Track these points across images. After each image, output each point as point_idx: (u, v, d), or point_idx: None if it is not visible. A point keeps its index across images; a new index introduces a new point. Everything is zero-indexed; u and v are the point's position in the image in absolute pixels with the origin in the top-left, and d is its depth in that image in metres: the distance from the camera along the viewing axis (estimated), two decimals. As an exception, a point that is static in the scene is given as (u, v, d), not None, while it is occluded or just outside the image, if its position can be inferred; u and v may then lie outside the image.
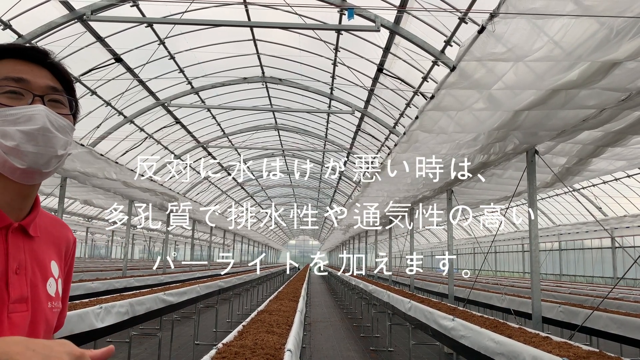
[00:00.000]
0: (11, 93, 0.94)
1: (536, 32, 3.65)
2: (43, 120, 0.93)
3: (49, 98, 0.98)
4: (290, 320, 4.19)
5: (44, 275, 1.01)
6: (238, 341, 3.04)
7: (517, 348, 3.31)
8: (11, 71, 0.95)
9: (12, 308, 0.90)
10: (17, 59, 0.97)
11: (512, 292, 10.93)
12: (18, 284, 0.92)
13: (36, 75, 0.97)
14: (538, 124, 5.81)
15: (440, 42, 8.11)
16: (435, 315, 5.46)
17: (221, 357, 2.53)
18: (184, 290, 7.91)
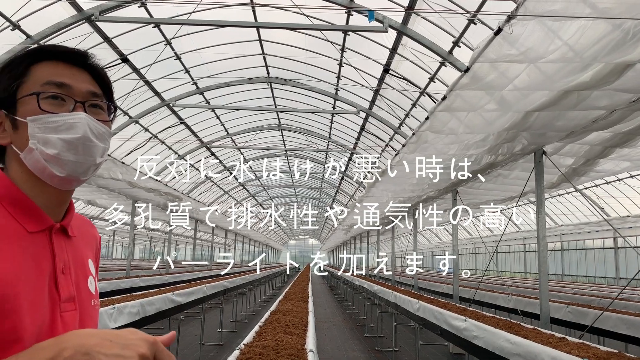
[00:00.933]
0: (53, 99, 0.93)
1: (552, 34, 3.67)
2: (84, 129, 0.93)
3: (89, 104, 0.97)
4: (304, 321, 4.21)
5: (84, 273, 1.02)
6: (258, 342, 3.05)
7: (535, 349, 3.33)
8: (53, 75, 0.94)
9: (63, 307, 0.91)
10: (58, 61, 0.96)
11: (516, 292, 10.94)
12: (65, 284, 0.93)
13: (77, 80, 0.96)
14: (548, 124, 5.82)
15: (448, 43, 8.13)
16: (445, 316, 5.47)
17: (246, 357, 2.54)
18: (191, 291, 7.94)
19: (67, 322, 0.91)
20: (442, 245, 36.41)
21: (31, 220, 0.90)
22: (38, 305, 0.85)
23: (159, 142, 16.56)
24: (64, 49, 0.97)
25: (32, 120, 0.90)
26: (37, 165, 0.91)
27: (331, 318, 14.57)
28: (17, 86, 0.92)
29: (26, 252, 0.87)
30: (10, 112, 0.92)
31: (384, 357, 9.16)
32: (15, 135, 0.92)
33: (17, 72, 0.93)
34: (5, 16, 7.83)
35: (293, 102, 16.30)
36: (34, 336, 0.82)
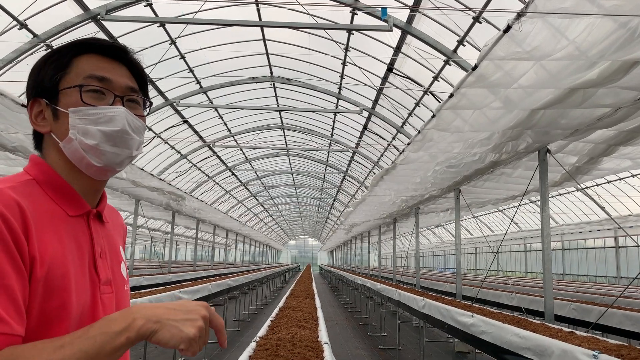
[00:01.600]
0: (94, 92, 0.96)
1: (561, 31, 3.71)
2: (122, 122, 0.96)
3: (127, 98, 1.00)
4: (314, 316, 4.26)
5: (118, 259, 1.06)
6: (273, 335, 3.10)
7: (545, 342, 3.37)
8: (95, 69, 0.97)
9: (102, 290, 0.95)
10: (99, 54, 0.99)
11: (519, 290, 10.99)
12: (103, 267, 0.97)
13: (117, 74, 0.99)
14: (553, 122, 5.86)
15: (453, 42, 8.16)
16: (452, 312, 5.51)
17: (263, 349, 2.58)
18: (197, 289, 7.98)
19: (106, 304, 0.95)
20: (443, 245, 36.46)
21: (71, 204, 0.94)
22: (82, 285, 0.89)
23: (162, 142, 16.60)
24: (106, 43, 1.00)
25: (73, 111, 0.94)
26: (75, 155, 0.95)
27: (333, 317, 14.62)
28: (60, 77, 0.95)
29: (70, 235, 0.91)
30: (51, 102, 0.96)
31: (387, 355, 9.20)
32: (56, 125, 0.95)
33: (61, 63, 0.96)
34: (13, 15, 7.88)
35: (296, 102, 16.36)
36: (78, 315, 0.86)
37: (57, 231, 0.87)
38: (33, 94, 0.98)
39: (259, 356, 2.43)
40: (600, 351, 2.83)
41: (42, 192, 0.91)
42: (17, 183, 0.88)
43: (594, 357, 2.78)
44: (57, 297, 0.82)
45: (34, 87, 0.98)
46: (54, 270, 0.83)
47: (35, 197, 0.88)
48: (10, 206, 0.80)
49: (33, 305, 0.79)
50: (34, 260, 0.80)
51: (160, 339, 0.77)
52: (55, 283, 0.82)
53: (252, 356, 2.45)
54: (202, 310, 0.82)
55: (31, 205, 0.84)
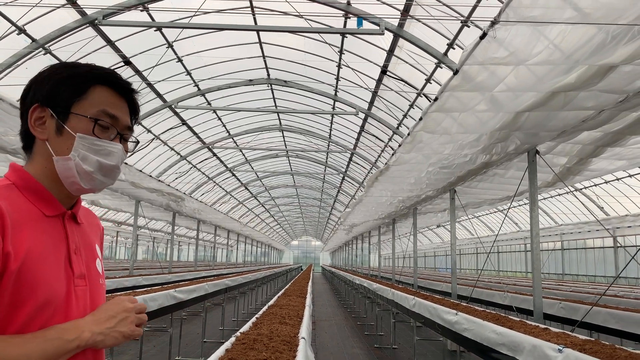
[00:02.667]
0: (102, 126, 1.09)
1: (536, 36, 3.83)
2: (118, 159, 1.11)
3: (124, 136, 1.15)
4: (300, 314, 4.36)
5: (93, 256, 1.18)
6: (254, 330, 3.22)
7: (518, 338, 3.49)
8: (108, 104, 1.11)
9: (76, 282, 1.07)
10: (112, 88, 1.12)
11: (514, 290, 11.09)
12: (77, 263, 1.09)
13: (123, 113, 1.14)
14: (539, 124, 5.96)
15: (443, 45, 8.28)
16: (439, 311, 5.63)
17: (241, 343, 2.71)
18: (193, 288, 8.10)
19: (79, 295, 1.07)
20: (444, 245, 36.51)
21: (47, 206, 1.05)
22: (57, 278, 1.01)
23: (162, 143, 16.76)
24: (121, 82, 1.15)
25: (81, 137, 1.06)
26: (66, 173, 1.06)
27: (332, 317, 14.73)
28: (77, 101, 1.08)
29: (45, 232, 1.02)
30: (59, 117, 1.07)
31: (383, 354, 9.31)
32: (56, 139, 1.07)
33: (80, 89, 1.09)
34: (12, 21, 8.04)
35: (293, 103, 16.50)
36: (52, 304, 0.98)
37: (33, 229, 0.99)
38: (40, 101, 1.07)
39: (235, 349, 2.56)
40: (565, 346, 2.95)
41: (20, 195, 1.02)
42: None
43: (559, 351, 2.91)
44: (27, 286, 0.94)
45: (45, 96, 1.07)
46: (28, 263, 0.94)
47: (14, 199, 0.99)
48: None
49: (4, 293, 0.90)
50: (7, 257, 0.91)
51: (108, 344, 1.01)
52: (27, 275, 0.94)
53: (228, 349, 2.58)
54: (126, 305, 1.06)
55: (10, 206, 0.95)
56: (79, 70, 1.10)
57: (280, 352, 2.48)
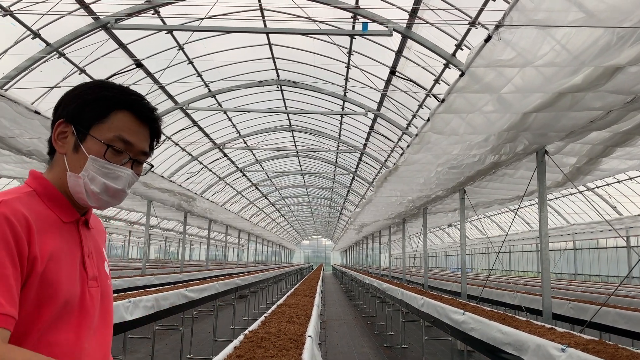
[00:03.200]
0: (116, 151, 1.14)
1: (541, 38, 3.85)
2: (125, 183, 1.16)
3: (137, 161, 1.19)
4: (308, 313, 4.42)
5: (102, 259, 1.27)
6: (262, 329, 3.29)
7: (523, 338, 3.53)
8: (126, 130, 1.15)
9: (90, 284, 1.15)
10: (133, 114, 1.17)
11: (525, 290, 11.05)
12: (90, 266, 1.17)
13: (140, 139, 1.18)
14: (547, 125, 5.96)
15: (452, 45, 8.30)
16: (446, 310, 5.66)
17: (249, 341, 2.78)
18: (204, 287, 8.20)
19: (93, 295, 1.15)
20: (455, 245, 36.36)
21: (64, 212, 1.14)
22: (72, 279, 1.09)
23: (173, 144, 16.93)
24: (145, 108, 1.19)
25: (93, 159, 1.12)
26: (75, 189, 1.14)
27: (342, 316, 14.78)
28: (96, 124, 1.14)
29: (63, 238, 1.10)
30: (78, 136, 1.13)
31: (392, 353, 9.34)
32: (72, 155, 1.14)
33: (102, 113, 1.14)
34: (26, 25, 8.21)
35: (303, 104, 16.57)
36: (66, 302, 1.06)
37: (53, 234, 1.07)
38: (66, 117, 1.14)
39: (243, 347, 2.63)
40: (569, 345, 2.99)
41: (41, 202, 1.10)
42: (21, 194, 1.06)
43: (562, 351, 2.95)
44: (50, 287, 1.02)
45: (70, 114, 1.14)
46: (50, 266, 1.03)
47: (36, 206, 1.07)
48: (16, 214, 0.98)
49: (30, 293, 0.98)
50: (35, 260, 0.98)
51: None
52: (50, 276, 1.02)
53: (236, 347, 2.65)
54: None
55: (32, 213, 1.03)
56: (106, 93, 1.16)
57: (287, 349, 2.55)
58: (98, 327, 1.16)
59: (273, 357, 2.37)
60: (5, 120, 6.15)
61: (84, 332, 1.09)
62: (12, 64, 8.75)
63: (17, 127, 6.34)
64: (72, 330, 1.07)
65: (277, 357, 2.37)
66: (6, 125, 6.26)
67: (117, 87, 1.19)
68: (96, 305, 1.16)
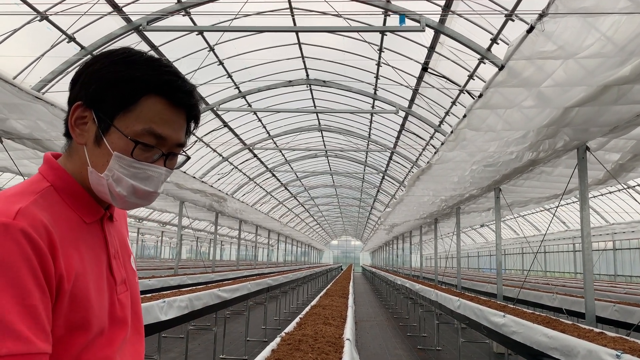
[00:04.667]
0: (145, 146, 0.93)
1: (587, 29, 3.66)
2: (157, 184, 0.96)
3: (171, 155, 0.98)
4: (343, 315, 4.34)
5: (127, 253, 1.10)
6: (298, 331, 3.22)
7: (571, 342, 3.35)
8: (157, 121, 0.93)
9: (118, 290, 0.99)
10: (166, 99, 0.95)
11: (564, 292, 10.70)
12: (117, 268, 1.00)
13: (174, 129, 0.96)
14: (589, 120, 5.73)
15: (486, 40, 8.08)
16: (485, 312, 5.49)
17: (286, 343, 2.71)
18: (236, 287, 8.22)
19: (123, 302, 1.01)
20: (488, 245, 35.69)
21: (87, 211, 0.96)
22: (100, 292, 0.92)
23: (204, 145, 17.11)
24: (179, 89, 0.96)
25: (118, 157, 0.92)
26: (98, 188, 0.94)
27: (374, 317, 14.65)
28: (121, 113, 0.92)
29: (86, 243, 0.93)
30: (100, 125, 0.93)
31: (426, 355, 9.17)
32: (94, 148, 0.94)
33: (128, 100, 0.93)
34: (62, 29, 8.38)
35: (332, 103, 16.50)
36: (97, 322, 0.91)
37: (76, 242, 0.90)
38: (84, 100, 0.94)
39: (280, 350, 2.56)
40: (624, 351, 2.81)
41: (60, 200, 0.92)
42: (37, 196, 0.88)
43: (617, 357, 2.77)
44: (81, 308, 0.86)
45: (90, 98, 0.94)
46: (77, 283, 0.86)
47: (55, 208, 0.89)
48: (37, 227, 0.81)
49: (59, 317, 0.83)
50: (61, 278, 0.83)
51: None
52: (78, 296, 0.86)
53: (274, 350, 2.58)
54: None
55: (53, 218, 0.86)
56: (133, 73, 0.93)
57: (326, 353, 2.47)
58: (130, 336, 1.02)
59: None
60: (43, 123, 6.26)
61: (116, 346, 0.95)
62: (49, 68, 8.96)
63: (53, 129, 6.46)
64: (105, 346, 0.92)
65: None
66: (43, 127, 6.37)
67: (147, 62, 0.96)
68: (128, 314, 1.01)
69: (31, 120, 6.13)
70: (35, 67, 8.47)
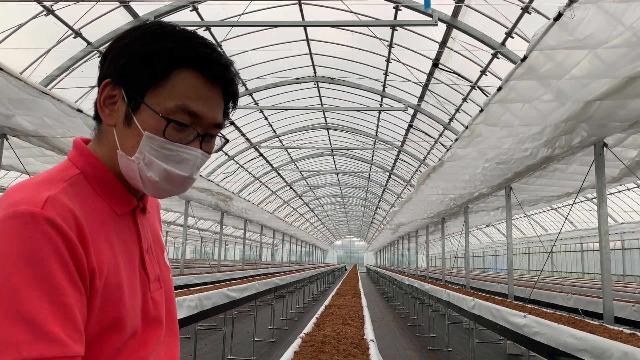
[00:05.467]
0: (178, 124, 0.85)
1: (617, 17, 3.52)
2: (192, 168, 0.88)
3: (207, 136, 0.90)
4: (360, 315, 4.23)
5: (161, 247, 1.02)
6: (318, 332, 3.09)
7: (603, 344, 3.20)
8: (191, 97, 0.85)
9: (152, 288, 0.91)
10: (200, 72, 0.86)
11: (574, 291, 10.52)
12: (151, 264, 0.93)
13: (210, 106, 0.88)
14: (610, 114, 5.58)
15: (501, 34, 7.92)
16: (503, 313, 5.33)
17: (308, 345, 2.58)
18: (245, 287, 8.09)
19: (157, 301, 0.92)
20: (494, 245, 35.50)
21: (119, 202, 0.88)
22: (134, 290, 0.85)
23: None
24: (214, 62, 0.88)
25: (149, 137, 0.84)
26: (129, 173, 0.87)
27: (381, 317, 14.51)
28: (151, 88, 0.85)
29: (118, 237, 0.85)
30: (129, 103, 0.86)
31: (437, 356, 9.03)
32: (123, 129, 0.86)
33: (159, 73, 0.85)
34: (68, 25, 8.27)
35: (340, 101, 16.38)
36: (131, 322, 0.83)
37: (107, 236, 0.82)
38: (113, 77, 0.86)
39: (304, 352, 2.43)
40: (665, 354, 2.66)
41: (90, 189, 0.85)
42: (66, 184, 0.81)
43: (658, 361, 2.62)
44: (114, 307, 0.79)
45: (119, 73, 0.86)
46: (109, 279, 0.79)
47: (85, 197, 0.82)
48: (67, 218, 0.74)
49: (91, 317, 0.76)
50: (93, 273, 0.76)
51: None
52: (111, 294, 0.79)
53: (297, 352, 2.45)
54: None
55: (82, 208, 0.79)
56: (163, 44, 0.85)
57: (354, 355, 2.34)
58: (165, 337, 0.93)
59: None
60: (49, 119, 6.15)
61: (151, 348, 0.87)
62: (54, 64, 8.85)
63: (60, 126, 6.35)
64: (139, 349, 0.85)
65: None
66: (49, 123, 6.26)
67: (179, 34, 0.88)
68: (162, 312, 0.92)
69: (37, 116, 6.02)
70: (41, 63, 8.37)
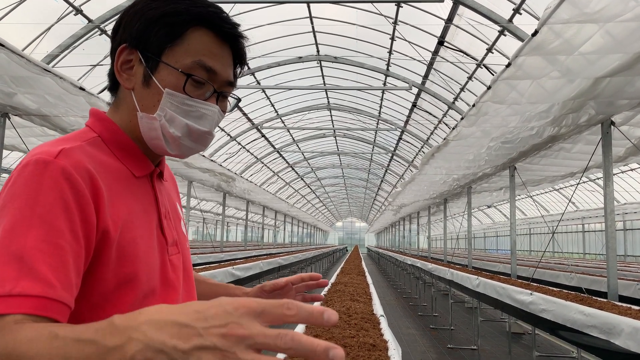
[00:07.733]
0: (196, 81, 0.89)
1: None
2: (212, 123, 0.92)
3: (222, 94, 0.94)
4: (367, 292, 4.25)
5: (178, 217, 1.02)
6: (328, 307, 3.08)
7: (613, 320, 3.20)
8: (206, 54, 0.89)
9: (170, 251, 0.92)
10: (213, 32, 0.90)
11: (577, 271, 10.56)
12: (169, 228, 0.94)
13: (224, 64, 0.92)
14: (619, 92, 5.51)
15: (508, 10, 7.79)
16: (509, 291, 5.35)
17: (319, 320, 2.57)
18: (249, 266, 8.14)
19: (175, 264, 0.92)
20: (495, 226, 35.60)
21: (137, 165, 0.90)
22: (150, 249, 0.86)
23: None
24: (226, 23, 0.92)
25: (169, 94, 0.87)
26: (150, 134, 0.89)
27: (382, 297, 14.59)
28: (169, 47, 0.88)
29: (136, 197, 0.87)
30: (147, 65, 0.88)
31: (440, 335, 9.10)
32: (142, 90, 0.89)
33: (175, 32, 0.88)
34: (69, 1, 8.14)
35: (343, 80, 16.24)
36: (147, 280, 0.83)
37: (124, 194, 0.84)
38: (129, 41, 0.89)
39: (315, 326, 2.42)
40: (677, 329, 2.65)
41: (108, 151, 0.87)
42: (83, 142, 0.83)
43: (670, 335, 2.61)
44: (128, 261, 0.80)
45: (135, 37, 0.88)
46: (124, 234, 0.80)
47: (103, 157, 0.84)
48: (80, 170, 0.75)
49: (108, 271, 0.77)
50: (107, 228, 0.76)
51: None
52: (126, 248, 0.80)
53: (307, 326, 2.44)
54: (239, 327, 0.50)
55: (99, 166, 0.80)
56: (176, 6, 0.88)
57: (366, 329, 2.33)
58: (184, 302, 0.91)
59: (354, 337, 2.15)
60: (51, 97, 6.09)
61: None
62: (55, 42, 8.74)
63: (62, 104, 6.28)
64: None
65: (358, 337, 2.15)
66: (51, 102, 6.19)
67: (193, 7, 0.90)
68: (180, 276, 0.93)
69: (39, 95, 5.96)
70: (42, 41, 8.26)
